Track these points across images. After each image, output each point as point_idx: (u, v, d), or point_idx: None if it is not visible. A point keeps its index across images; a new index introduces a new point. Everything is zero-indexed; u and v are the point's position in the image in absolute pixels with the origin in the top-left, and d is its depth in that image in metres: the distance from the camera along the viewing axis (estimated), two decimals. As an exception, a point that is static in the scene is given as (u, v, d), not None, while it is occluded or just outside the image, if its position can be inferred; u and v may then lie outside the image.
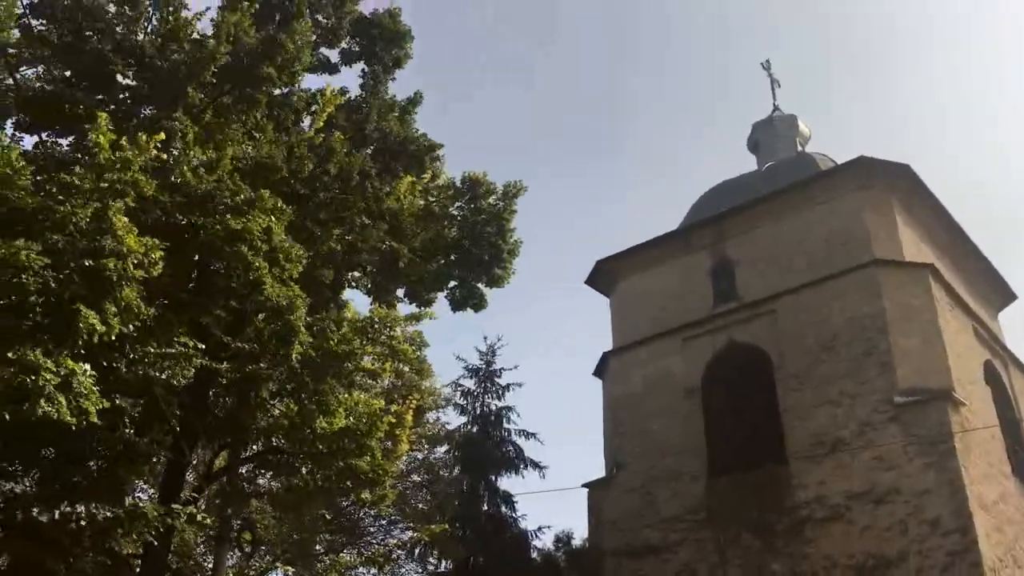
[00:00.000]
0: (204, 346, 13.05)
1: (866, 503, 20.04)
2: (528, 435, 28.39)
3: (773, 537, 21.10)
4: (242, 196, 13.71)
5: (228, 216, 13.33)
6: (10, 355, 9.73)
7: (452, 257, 18.87)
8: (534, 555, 26.57)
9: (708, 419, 23.85)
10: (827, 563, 20.07)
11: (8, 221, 10.85)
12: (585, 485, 26.11)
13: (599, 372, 27.87)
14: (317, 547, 23.29)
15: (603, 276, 28.32)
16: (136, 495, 14.39)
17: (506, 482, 27.92)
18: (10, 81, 15.11)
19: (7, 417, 9.74)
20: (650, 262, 27.29)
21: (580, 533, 26.46)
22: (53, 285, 10.36)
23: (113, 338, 10.93)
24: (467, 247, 18.72)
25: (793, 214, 24.88)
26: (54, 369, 9.82)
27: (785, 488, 21.46)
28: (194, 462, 17.16)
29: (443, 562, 26.71)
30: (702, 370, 24.51)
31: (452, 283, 19.22)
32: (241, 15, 15.38)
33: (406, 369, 21.08)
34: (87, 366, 10.43)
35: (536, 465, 27.97)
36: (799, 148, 31.98)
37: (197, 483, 16.87)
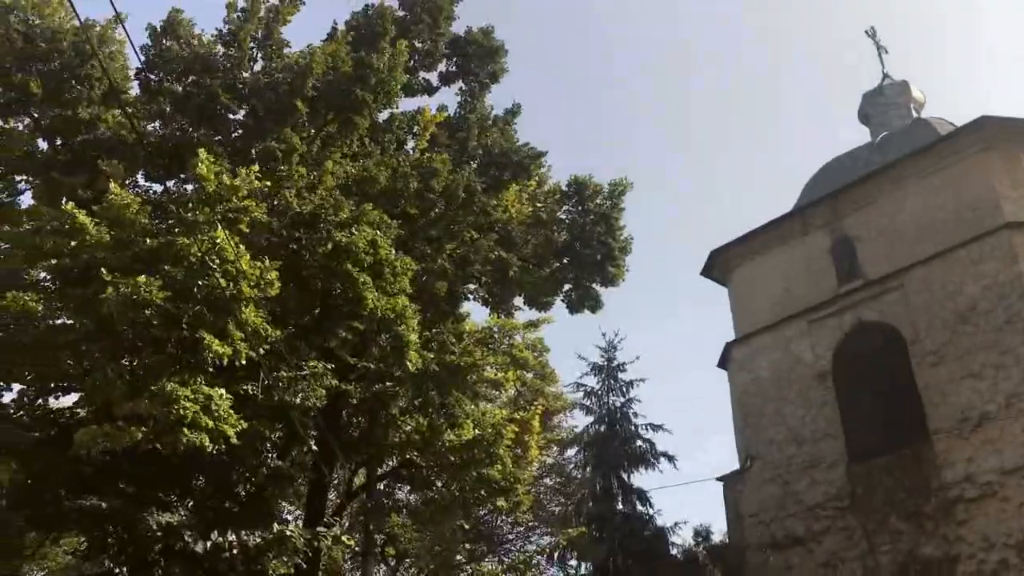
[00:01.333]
0: (332, 367, 13.49)
1: (1021, 478, 19.04)
2: (655, 427, 28.17)
3: (922, 520, 20.25)
4: (345, 212, 14.11)
5: (333, 231, 13.74)
6: (152, 388, 10.29)
7: (564, 261, 18.94)
8: (674, 552, 26.30)
9: (842, 403, 23.09)
10: (984, 544, 19.13)
11: (131, 261, 11.47)
12: (720, 479, 25.69)
13: (723, 363, 27.40)
14: (458, 557, 23.69)
15: (718, 265, 27.80)
16: (283, 517, 14.97)
17: (639, 478, 27.75)
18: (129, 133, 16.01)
19: (159, 448, 10.33)
20: (767, 247, 26.63)
21: (717, 527, 26.07)
22: (180, 315, 10.88)
23: (243, 362, 11.41)
24: (578, 249, 18.75)
25: (914, 183, 23.84)
26: (192, 396, 10.35)
27: (931, 468, 20.57)
28: (335, 481, 17.75)
29: (582, 565, 26.74)
30: (831, 353, 23.75)
31: (567, 286, 19.28)
32: (337, 44, 15.90)
33: (529, 376, 21.25)
34: (222, 390, 10.96)
35: (668, 457, 27.71)
36: (914, 115, 30.64)
37: (339, 501, 17.46)
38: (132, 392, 10.52)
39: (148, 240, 11.43)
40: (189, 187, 15.96)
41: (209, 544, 11.75)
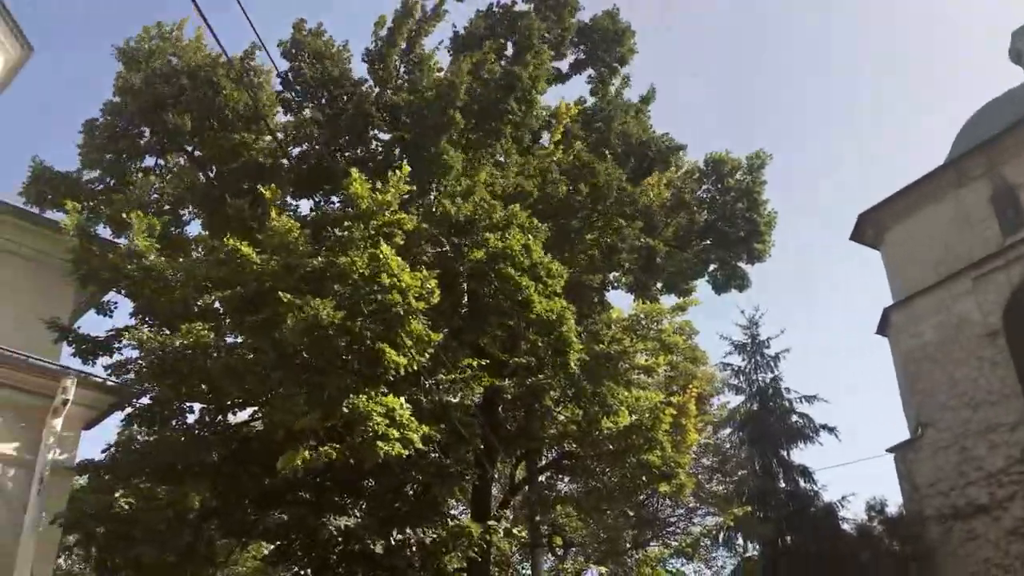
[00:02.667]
0: (485, 364, 13.75)
1: None
2: (808, 399, 27.34)
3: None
4: (498, 214, 14.32)
5: (488, 235, 13.98)
6: (345, 408, 10.76)
7: (707, 241, 18.61)
8: (845, 527, 25.49)
9: (1018, 361, 21.81)
10: None
11: (298, 283, 12.00)
12: (890, 449, 24.73)
13: (882, 329, 26.31)
14: (625, 543, 23.68)
15: (868, 228, 26.74)
16: (452, 514, 15.38)
17: (799, 454, 27.04)
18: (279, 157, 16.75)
19: (351, 462, 10.82)
20: (920, 204, 25.44)
21: (891, 499, 25.09)
22: (355, 331, 11.34)
23: (414, 368, 11.80)
24: (721, 228, 18.39)
25: (1081, 120, 22.23)
26: (381, 410, 10.79)
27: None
28: (497, 476, 18.07)
29: (749, 544, 26.28)
30: (1001, 309, 22.47)
31: (711, 266, 18.95)
32: (483, 54, 16.17)
33: (680, 359, 20.99)
34: (401, 399, 11.36)
35: (828, 429, 26.86)
36: (1069, 46, 28.49)
37: (503, 496, 17.76)
38: (311, 409, 11.03)
39: (312, 261, 11.89)
40: (336, 200, 16.61)
41: (387, 543, 12.18)
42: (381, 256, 11.67)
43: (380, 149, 16.61)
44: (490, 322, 15.30)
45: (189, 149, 16.41)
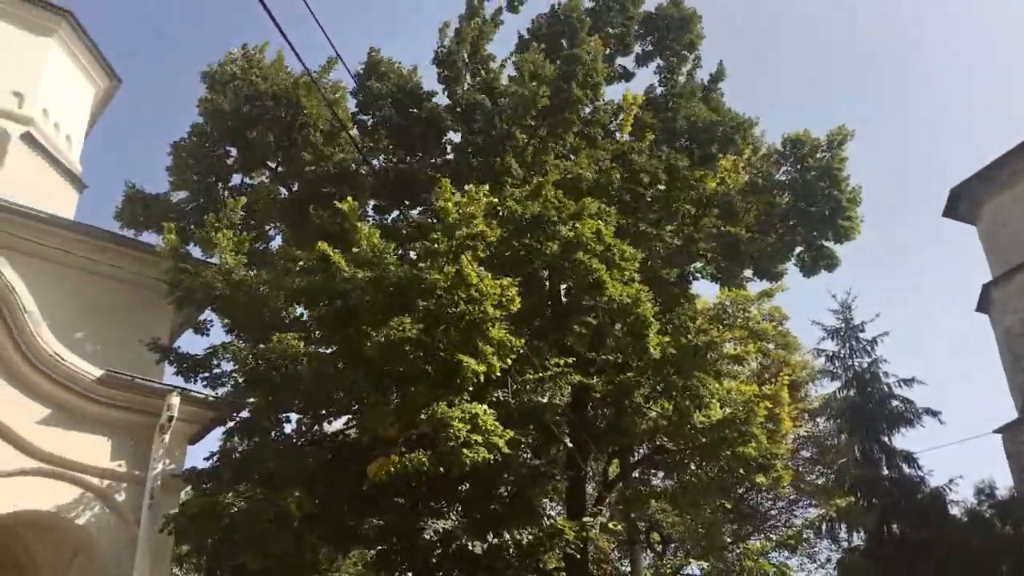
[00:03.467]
0: (572, 362, 13.74)
1: None
2: (907, 382, 26.51)
3: None
4: (569, 210, 14.33)
5: (559, 227, 13.98)
6: (423, 416, 10.92)
7: (791, 223, 18.24)
8: (954, 512, 24.62)
9: None
10: None
11: (385, 297, 12.19)
12: (997, 430, 23.80)
13: (982, 306, 25.37)
14: (724, 537, 23.40)
15: (962, 203, 25.80)
16: (547, 513, 15.43)
17: (901, 439, 26.25)
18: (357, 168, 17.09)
19: (440, 469, 10.98)
20: (1018, 174, 24.42)
21: (1000, 481, 24.16)
22: (433, 345, 11.50)
23: (497, 375, 11.89)
24: (803, 209, 18.00)
25: None
26: (463, 416, 10.90)
27: None
28: (590, 474, 18.05)
29: (854, 534, 25.63)
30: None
31: (797, 249, 18.56)
32: (535, 52, 16.22)
33: (771, 347, 20.62)
34: (484, 406, 11.45)
35: (932, 413, 26.00)
36: None
37: (598, 493, 17.72)
38: (399, 418, 11.24)
39: (399, 271, 12.08)
40: (416, 210, 16.88)
41: (486, 545, 12.29)
42: (463, 269, 11.79)
43: (453, 154, 16.82)
44: (573, 320, 15.30)
45: (272, 166, 16.90)
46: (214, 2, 61.97)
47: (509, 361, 12.07)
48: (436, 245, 12.26)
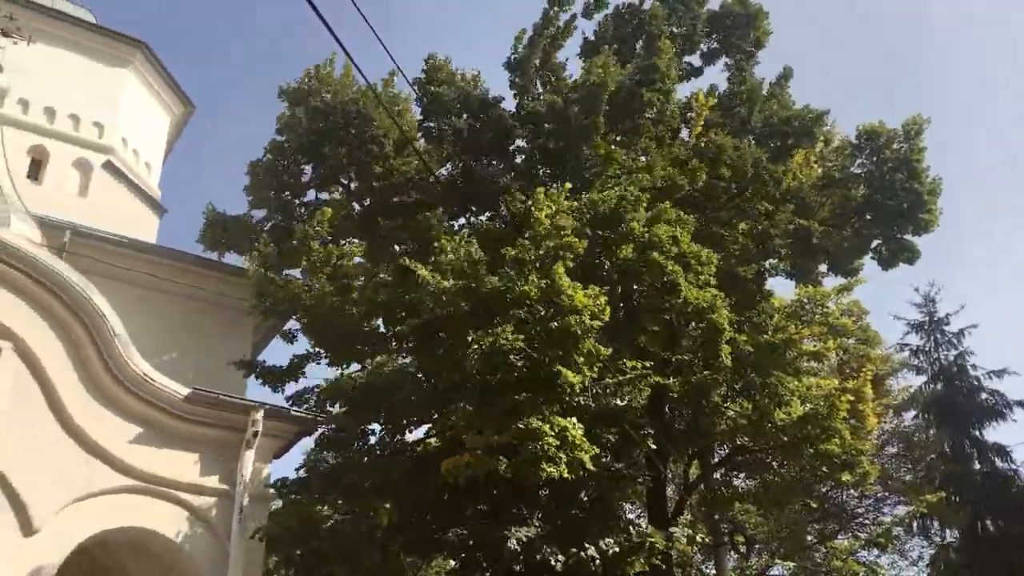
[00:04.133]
0: (650, 365, 13.65)
1: None
2: (997, 374, 25.66)
3: None
4: (643, 209, 14.26)
5: (634, 226, 13.92)
6: (519, 425, 10.98)
7: (867, 216, 17.84)
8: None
9: None
10: None
11: (476, 305, 12.28)
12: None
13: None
14: (809, 537, 22.94)
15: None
16: (628, 518, 15.32)
17: (993, 432, 25.44)
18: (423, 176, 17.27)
19: (512, 477, 11.03)
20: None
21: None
22: (534, 356, 11.56)
23: (585, 384, 11.91)
24: (881, 201, 17.59)
25: None
26: (553, 432, 10.95)
27: None
28: (670, 476, 17.90)
29: (946, 531, 24.93)
30: None
31: (875, 242, 18.15)
32: (606, 57, 16.23)
33: (851, 342, 20.17)
34: (573, 419, 11.48)
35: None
36: None
37: (679, 496, 17.56)
38: (486, 427, 11.32)
39: (490, 280, 12.16)
40: (484, 216, 16.97)
41: (568, 559, 12.23)
42: (556, 280, 11.84)
43: (521, 160, 16.89)
44: (645, 319, 15.20)
45: (345, 181, 17.21)
46: (281, 23, 63.40)
47: (596, 370, 12.08)
48: (524, 254, 12.31)
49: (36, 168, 20.12)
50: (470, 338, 11.44)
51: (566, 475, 10.87)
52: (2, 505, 11.59)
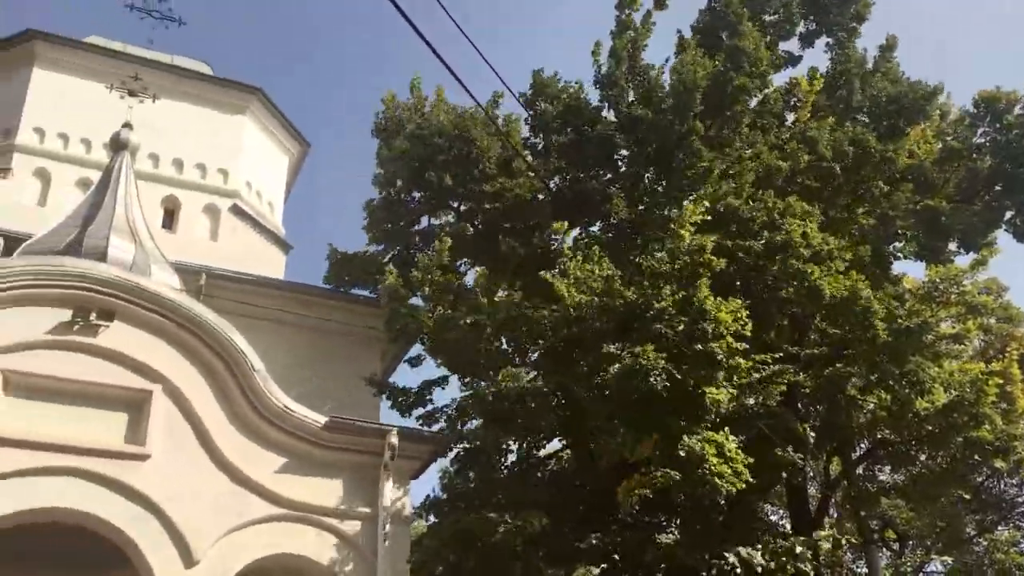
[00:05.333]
0: (780, 358, 13.36)
1: None
2: None
3: None
4: (770, 204, 14.01)
5: (766, 232, 13.70)
6: (680, 451, 11.03)
7: (997, 188, 16.97)
8: None
9: None
10: None
11: (612, 324, 12.31)
12: None
13: None
14: (967, 530, 21.86)
15: None
16: (769, 519, 15.00)
17: None
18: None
19: (681, 498, 11.07)
20: None
21: None
22: (678, 376, 11.56)
23: (730, 397, 11.82)
24: (1009, 171, 16.71)
25: None
26: (713, 450, 10.95)
27: None
28: (811, 474, 17.42)
29: None
30: None
31: (1008, 214, 17.24)
32: (693, 52, 16.05)
33: (992, 321, 19.16)
34: (726, 430, 11.42)
35: None
36: None
37: (821, 494, 17.05)
38: (635, 442, 11.37)
39: (625, 297, 12.19)
40: (595, 227, 16.96)
41: (710, 562, 12.08)
42: (698, 298, 11.79)
43: (624, 169, 16.84)
44: (771, 315, 14.87)
45: (455, 205, 17.52)
46: (383, 54, 65.11)
47: (735, 390, 11.97)
48: (662, 267, 12.29)
49: (169, 217, 21.35)
50: (607, 352, 11.47)
51: (737, 486, 10.86)
52: (164, 539, 12.25)
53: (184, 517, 12.39)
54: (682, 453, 10.87)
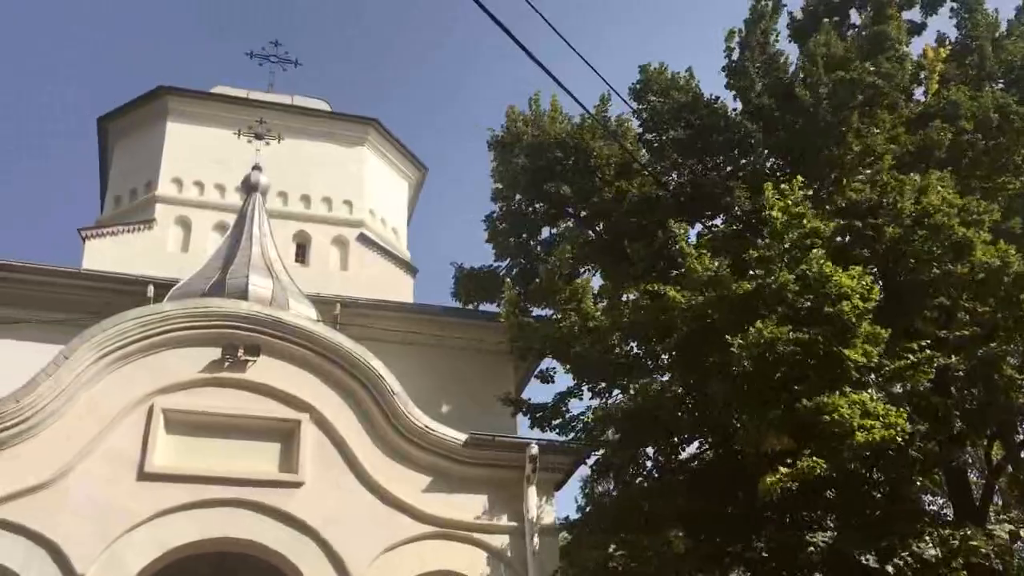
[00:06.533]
0: (927, 344, 12.80)
1: None
2: None
3: None
4: (908, 192, 13.50)
5: (900, 207, 13.17)
6: (805, 403, 10.80)
7: None
8: None
9: None
10: None
11: (730, 312, 12.12)
12: None
13: None
14: None
15: None
16: (930, 510, 14.32)
17: None
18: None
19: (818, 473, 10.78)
20: None
21: None
22: (806, 342, 11.31)
23: (871, 365, 11.41)
24: None
25: None
26: (847, 403, 10.65)
27: None
28: (970, 460, 16.56)
29: None
30: None
31: None
32: (826, 33, 15.61)
33: None
34: (871, 391, 11.09)
35: None
36: None
37: (985, 480, 16.17)
38: (776, 428, 11.14)
39: (744, 285, 12.01)
40: (720, 221, 16.65)
41: (877, 555, 11.64)
42: (815, 267, 11.54)
43: (750, 160, 16.45)
44: (915, 300, 14.24)
45: (575, 212, 17.54)
46: (487, 68, 65.99)
47: (877, 354, 11.56)
48: (767, 252, 12.06)
49: (301, 251, 22.27)
50: (729, 340, 11.31)
51: (886, 435, 10.47)
52: (323, 562, 12.75)
53: (340, 540, 12.86)
54: (807, 404, 10.58)
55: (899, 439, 10.96)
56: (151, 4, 59.03)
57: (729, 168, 16.48)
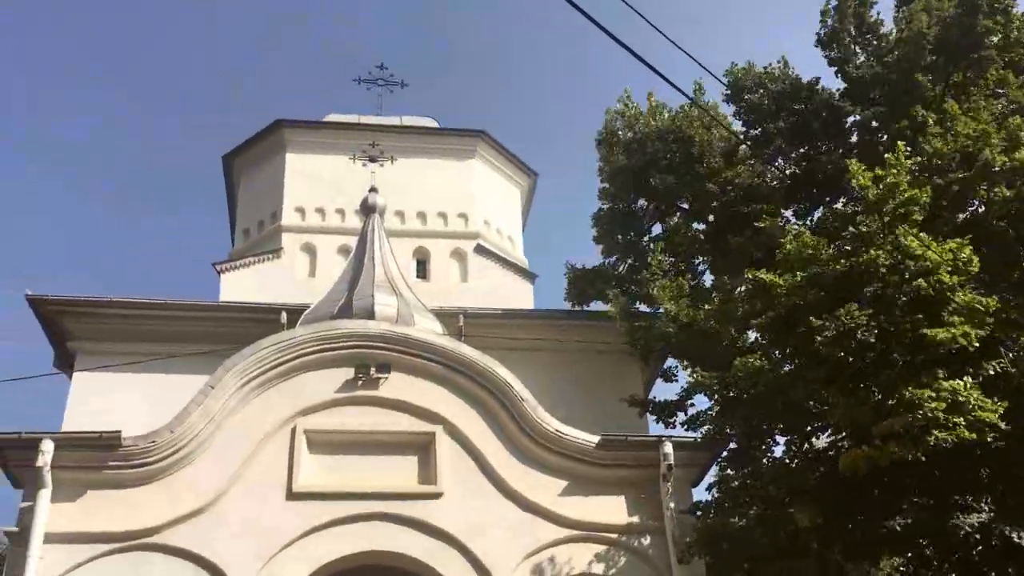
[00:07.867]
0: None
1: None
2: None
3: None
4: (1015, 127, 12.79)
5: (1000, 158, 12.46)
6: (892, 401, 10.41)
7: None
8: None
9: None
10: None
11: (825, 291, 11.78)
12: None
13: None
14: None
15: None
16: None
17: None
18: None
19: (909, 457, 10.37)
20: None
21: None
22: (886, 326, 10.92)
23: (976, 344, 10.84)
24: None
25: None
26: (934, 396, 10.18)
27: None
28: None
29: None
30: None
31: None
32: None
33: None
34: (967, 378, 10.55)
35: None
36: None
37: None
38: (879, 409, 10.78)
39: (836, 265, 11.71)
40: (830, 202, 16.13)
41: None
42: (901, 241, 11.10)
43: (856, 133, 15.93)
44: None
45: (682, 205, 17.32)
46: (583, 66, 65.70)
47: (986, 327, 10.95)
48: (864, 228, 11.68)
49: (422, 267, 22.76)
50: (814, 324, 11.05)
51: (968, 436, 9.97)
52: (469, 571, 13.07)
53: (483, 548, 13.13)
54: (892, 402, 10.24)
55: (989, 438, 10.31)
56: (262, 44, 61.61)
57: (840, 149, 16.00)
